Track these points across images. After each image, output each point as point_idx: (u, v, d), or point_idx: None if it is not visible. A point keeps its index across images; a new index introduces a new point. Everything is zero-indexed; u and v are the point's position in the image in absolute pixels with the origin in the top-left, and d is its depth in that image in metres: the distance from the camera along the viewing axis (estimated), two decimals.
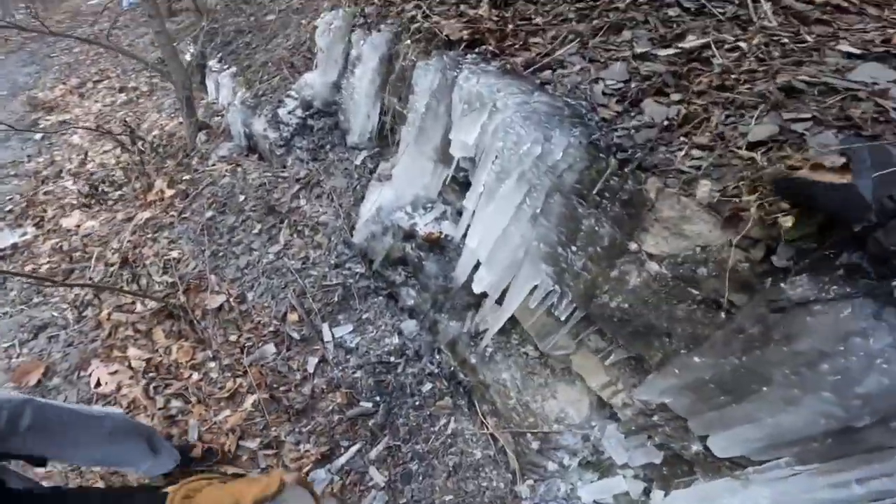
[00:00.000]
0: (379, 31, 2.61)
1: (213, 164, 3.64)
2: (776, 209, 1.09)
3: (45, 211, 3.97)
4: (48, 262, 3.41)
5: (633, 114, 1.52)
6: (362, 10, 2.96)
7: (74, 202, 3.97)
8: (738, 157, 1.26)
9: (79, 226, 3.71)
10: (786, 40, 1.58)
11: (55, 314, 2.89)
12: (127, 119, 4.32)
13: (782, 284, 1.10)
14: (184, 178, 3.57)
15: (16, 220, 3.98)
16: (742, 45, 1.61)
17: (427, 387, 2.36)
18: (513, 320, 2.15)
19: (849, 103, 1.27)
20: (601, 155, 1.47)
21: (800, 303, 1.07)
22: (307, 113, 3.39)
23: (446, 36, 2.08)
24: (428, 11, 2.36)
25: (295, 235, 2.96)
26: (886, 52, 1.43)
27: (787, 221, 1.07)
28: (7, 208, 4.18)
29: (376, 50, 2.63)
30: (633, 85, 1.58)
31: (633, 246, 1.45)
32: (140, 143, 3.92)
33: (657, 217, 1.35)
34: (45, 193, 4.22)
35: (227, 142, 3.88)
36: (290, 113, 3.39)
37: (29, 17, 11.37)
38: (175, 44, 4.05)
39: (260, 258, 2.89)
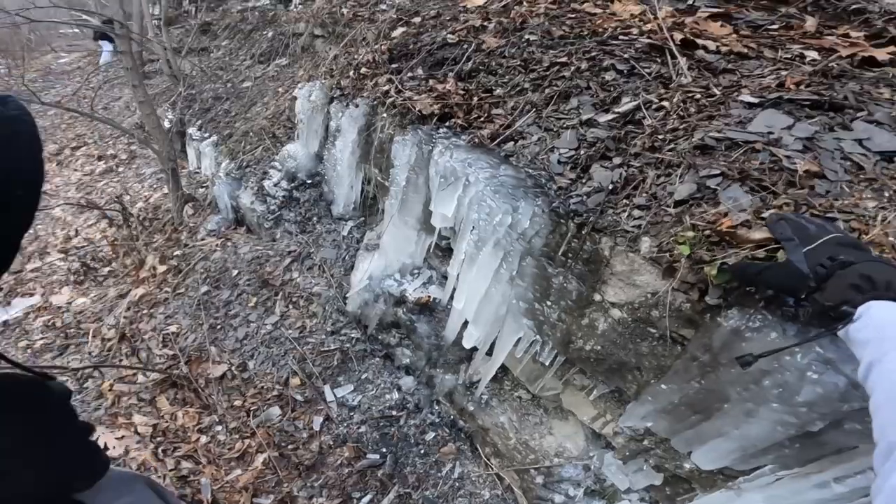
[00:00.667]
0: (356, 105, 2.97)
1: (203, 239, 3.92)
2: (701, 262, 1.40)
3: (33, 289, 4.17)
4: (42, 338, 3.60)
5: (584, 180, 1.84)
6: (338, 83, 3.32)
7: (63, 279, 4.17)
8: (668, 214, 1.57)
9: (70, 302, 3.90)
10: (699, 95, 1.85)
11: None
12: (119, 196, 4.58)
13: (718, 318, 1.40)
14: (175, 253, 3.83)
15: (4, 297, 4.15)
16: (665, 104, 1.89)
17: (430, 435, 2.61)
18: (503, 368, 2.43)
19: (749, 156, 1.58)
20: (562, 220, 1.78)
21: (735, 331, 1.36)
22: (292, 185, 3.70)
23: (419, 111, 2.43)
24: (400, 86, 2.71)
25: (290, 306, 3.22)
26: (779, 97, 1.75)
27: (712, 270, 1.36)
28: None
29: (355, 122, 2.98)
30: (582, 152, 1.90)
31: (597, 297, 1.76)
32: (130, 220, 4.20)
33: (613, 271, 1.66)
34: (33, 271, 4.40)
35: (214, 214, 4.17)
36: (275, 185, 3.69)
37: (3, 77, 11.68)
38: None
39: (258, 329, 3.14)
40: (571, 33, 2.52)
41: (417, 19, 3.35)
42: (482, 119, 2.29)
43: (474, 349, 2.49)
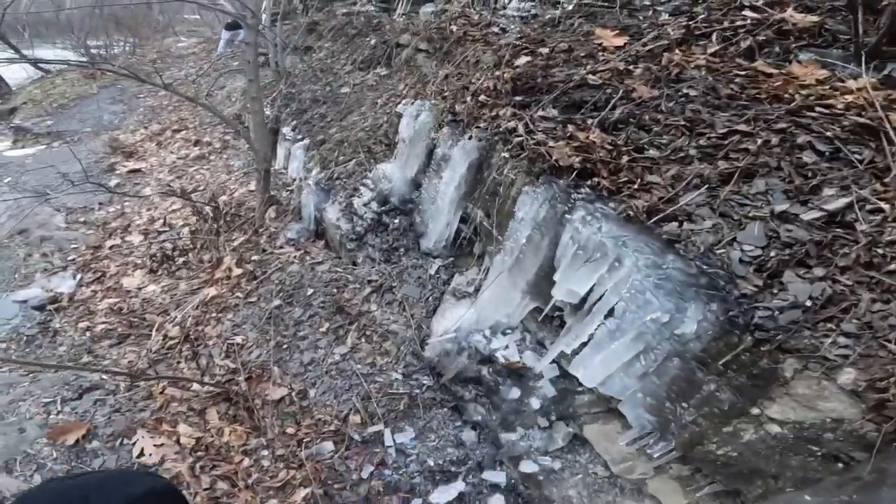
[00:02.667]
0: (470, 137, 2.60)
1: (282, 247, 3.71)
2: None
3: (108, 266, 4.02)
4: (104, 321, 3.43)
5: (774, 290, 1.50)
6: (452, 108, 2.96)
7: (138, 261, 4.01)
8: (887, 349, 1.29)
9: (140, 288, 3.75)
10: None
11: (105, 377, 2.84)
12: (213, 195, 4.39)
13: None
14: (252, 257, 3.62)
15: (77, 270, 4.04)
16: (884, 206, 1.55)
17: (488, 498, 2.32)
18: (582, 441, 2.20)
19: None
20: (736, 331, 1.48)
21: None
22: (382, 209, 3.42)
23: (555, 160, 2.03)
24: (531, 125, 2.33)
25: (363, 340, 2.95)
26: None
27: None
28: (71, 257, 4.24)
29: (467, 156, 2.63)
30: (772, 253, 1.56)
31: (754, 411, 1.49)
32: (220, 220, 3.95)
33: (789, 392, 1.40)
34: (111, 248, 4.29)
35: (296, 222, 3.96)
36: (365, 205, 3.44)
37: (127, 53, 12.08)
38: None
39: (325, 357, 2.88)
40: (743, 94, 2.14)
41: (545, 50, 2.99)
42: (634, 185, 1.90)
43: (557, 419, 2.26)
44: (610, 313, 1.76)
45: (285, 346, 2.95)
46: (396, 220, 3.37)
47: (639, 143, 2.10)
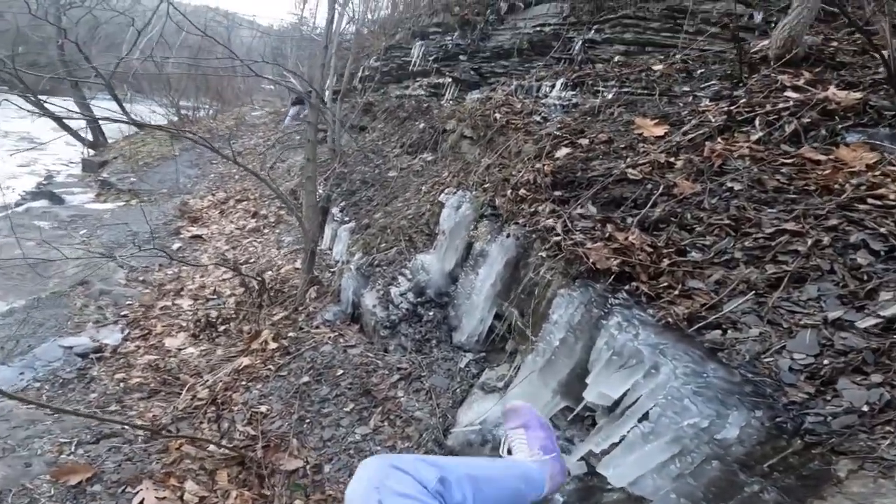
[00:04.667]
0: (508, 235, 2.51)
1: (318, 327, 3.61)
2: None
3: (155, 325, 4.00)
4: (140, 376, 3.31)
5: (828, 396, 1.36)
6: (491, 200, 2.89)
7: (183, 324, 3.98)
8: None
9: (180, 349, 3.66)
10: None
11: (126, 427, 2.69)
12: (261, 273, 4.42)
13: None
14: (289, 334, 3.52)
15: (126, 325, 3.99)
16: None
17: None
18: None
19: None
20: (784, 436, 1.35)
21: None
22: (418, 300, 3.32)
23: (593, 264, 1.90)
24: (569, 225, 2.20)
25: (386, 423, 2.77)
26: None
27: None
28: (123, 312, 4.22)
29: (505, 253, 2.55)
30: (825, 361, 1.40)
31: None
32: (264, 295, 3.94)
33: (842, 490, 1.27)
34: (162, 308, 4.27)
35: (334, 304, 3.87)
36: (401, 295, 3.35)
37: (210, 117, 12.66)
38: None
39: (346, 435, 2.70)
40: (791, 185, 1.97)
41: (584, 141, 2.88)
42: (675, 291, 1.74)
43: None
44: (644, 417, 1.59)
45: (308, 420, 2.78)
46: (431, 313, 3.25)
47: (680, 245, 1.94)
